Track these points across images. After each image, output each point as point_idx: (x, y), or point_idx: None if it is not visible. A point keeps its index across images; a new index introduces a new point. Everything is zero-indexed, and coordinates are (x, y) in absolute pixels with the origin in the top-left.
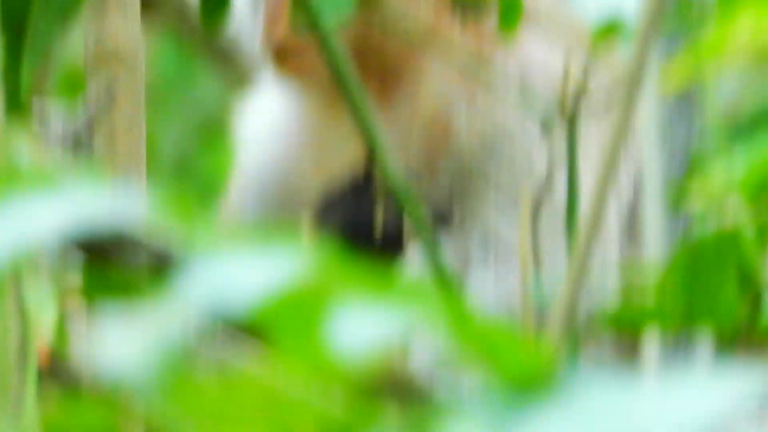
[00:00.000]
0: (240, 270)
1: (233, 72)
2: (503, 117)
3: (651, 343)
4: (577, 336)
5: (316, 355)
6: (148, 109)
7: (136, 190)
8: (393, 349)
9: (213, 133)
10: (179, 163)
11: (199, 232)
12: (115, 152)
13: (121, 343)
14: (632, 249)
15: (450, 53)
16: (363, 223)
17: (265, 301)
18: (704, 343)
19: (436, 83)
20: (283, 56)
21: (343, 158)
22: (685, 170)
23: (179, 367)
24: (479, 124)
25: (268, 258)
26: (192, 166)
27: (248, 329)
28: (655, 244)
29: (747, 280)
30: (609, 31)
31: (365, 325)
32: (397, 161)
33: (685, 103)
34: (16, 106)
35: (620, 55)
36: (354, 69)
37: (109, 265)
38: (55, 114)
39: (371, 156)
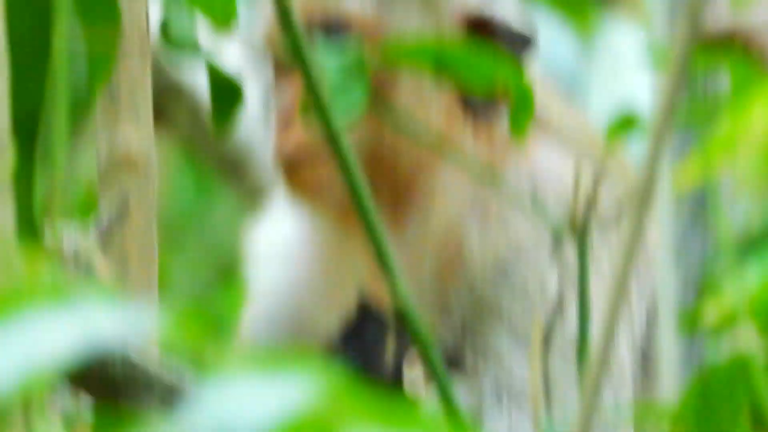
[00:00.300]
0: (250, 396)
1: (245, 187)
2: (516, 232)
3: None
4: None
5: None
6: (162, 239)
7: (147, 310)
8: None
9: (228, 262)
10: (193, 293)
11: (210, 358)
12: (128, 269)
13: None
14: (646, 375)
15: (462, 162)
16: (377, 355)
17: (276, 428)
18: None
19: (448, 199)
20: (294, 170)
21: (355, 284)
22: (699, 290)
23: None
24: (492, 241)
25: (278, 385)
26: (206, 296)
27: None
28: (669, 372)
29: (759, 411)
30: (623, 126)
31: None
32: (410, 289)
33: (698, 218)
34: (28, 221)
35: (632, 162)
36: (365, 182)
37: (120, 402)
38: (67, 230)
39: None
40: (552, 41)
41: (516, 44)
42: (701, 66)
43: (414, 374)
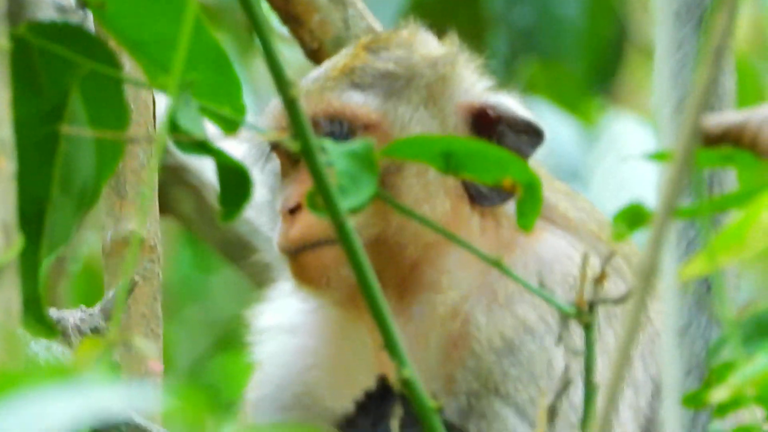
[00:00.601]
0: None
1: (249, 265)
2: (522, 314)
3: None
4: None
5: None
6: (164, 311)
7: (151, 387)
8: None
9: (228, 337)
10: (194, 368)
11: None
12: (132, 347)
13: None
14: None
15: (468, 249)
16: None
17: None
18: None
19: (454, 280)
20: (298, 256)
21: (364, 366)
22: (703, 371)
23: None
24: (499, 322)
25: None
26: (206, 371)
27: None
28: None
29: None
30: (632, 218)
31: None
32: (416, 370)
33: (703, 302)
34: (34, 302)
35: (637, 249)
36: (370, 265)
37: None
38: (72, 311)
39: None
40: (554, 130)
41: (523, 132)
42: (707, 162)
43: None
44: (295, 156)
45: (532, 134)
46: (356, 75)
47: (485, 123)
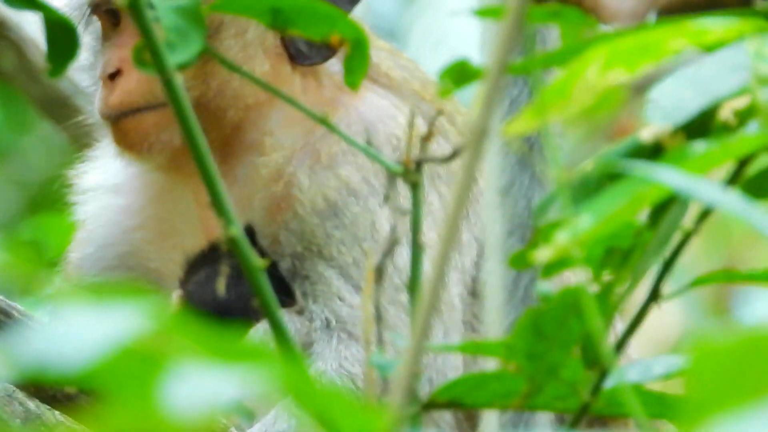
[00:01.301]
0: (80, 325)
1: (69, 125)
2: (346, 176)
3: (490, 416)
4: (418, 407)
5: (150, 413)
6: None
7: None
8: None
9: (43, 197)
10: (8, 228)
11: (37, 285)
12: None
13: None
14: (476, 313)
15: (294, 104)
16: (219, 295)
17: (101, 358)
18: (545, 415)
19: (277, 141)
20: (120, 121)
21: (186, 232)
22: (528, 229)
23: None
24: (322, 183)
25: (108, 316)
26: (20, 231)
27: (84, 387)
28: (495, 310)
29: (590, 344)
30: (459, 75)
31: (201, 385)
32: (241, 227)
33: (525, 160)
34: None
35: (463, 108)
36: (199, 127)
37: None
38: None
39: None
40: None
41: None
42: (536, 18)
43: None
44: (114, 19)
45: None
46: None
47: None
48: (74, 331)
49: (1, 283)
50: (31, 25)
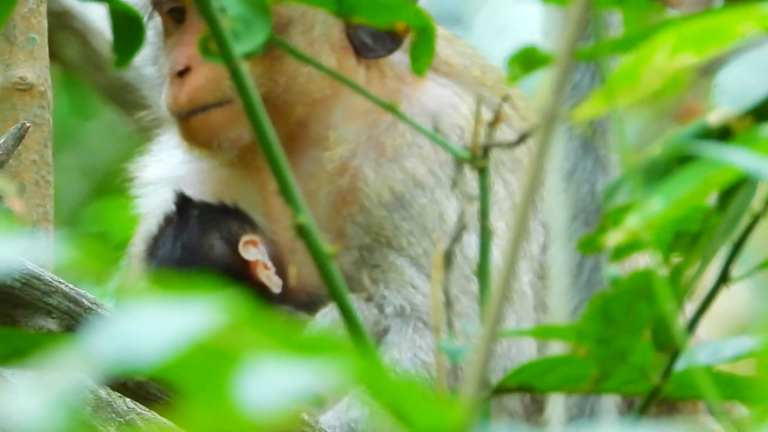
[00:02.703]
0: (151, 323)
1: (133, 115)
2: (412, 167)
3: (557, 401)
4: (489, 395)
5: (226, 409)
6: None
7: (44, 234)
8: (305, 404)
9: (107, 181)
10: (73, 215)
11: (108, 280)
12: (23, 194)
13: (28, 397)
14: (544, 298)
15: (364, 93)
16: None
17: (175, 353)
18: (612, 400)
19: (342, 135)
20: (188, 118)
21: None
22: (591, 213)
23: (82, 420)
24: (387, 175)
25: (180, 311)
26: (86, 218)
27: (162, 383)
28: (561, 294)
29: (661, 327)
30: (524, 59)
31: (275, 379)
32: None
33: (589, 144)
34: None
35: (529, 96)
36: (267, 116)
37: (20, 323)
38: None
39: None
40: None
41: None
42: (603, 4)
43: (252, 254)
44: (179, 16)
45: None
46: None
47: None
48: (147, 325)
49: (70, 274)
50: (95, 15)
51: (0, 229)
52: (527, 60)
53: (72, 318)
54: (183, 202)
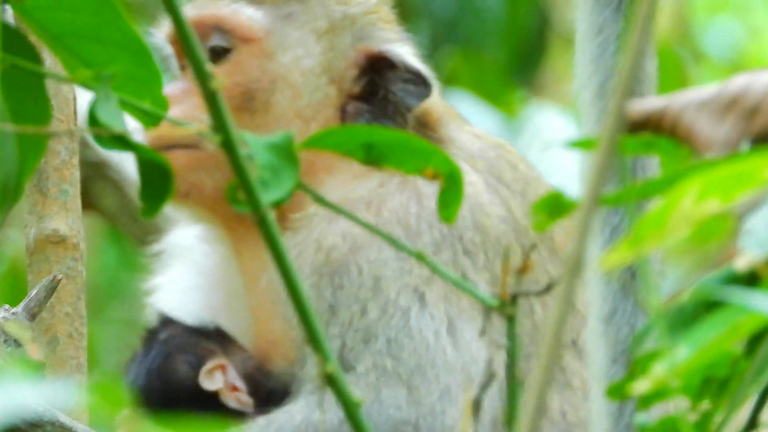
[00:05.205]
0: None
1: None
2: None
3: None
4: None
5: None
6: (90, 310)
7: (75, 381)
8: None
9: None
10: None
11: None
12: (56, 346)
13: None
14: None
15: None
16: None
17: None
18: None
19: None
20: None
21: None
22: (628, 360)
23: None
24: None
25: None
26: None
27: None
28: None
29: None
30: (550, 204)
31: None
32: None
33: (628, 290)
34: None
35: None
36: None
37: None
38: None
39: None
40: (476, 121)
41: (412, 82)
42: (630, 149)
43: (215, 382)
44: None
45: (420, 85)
46: None
47: (376, 68)
48: None
49: (90, 419)
50: (131, 165)
51: (14, 374)
52: (554, 206)
53: None
54: (161, 323)
